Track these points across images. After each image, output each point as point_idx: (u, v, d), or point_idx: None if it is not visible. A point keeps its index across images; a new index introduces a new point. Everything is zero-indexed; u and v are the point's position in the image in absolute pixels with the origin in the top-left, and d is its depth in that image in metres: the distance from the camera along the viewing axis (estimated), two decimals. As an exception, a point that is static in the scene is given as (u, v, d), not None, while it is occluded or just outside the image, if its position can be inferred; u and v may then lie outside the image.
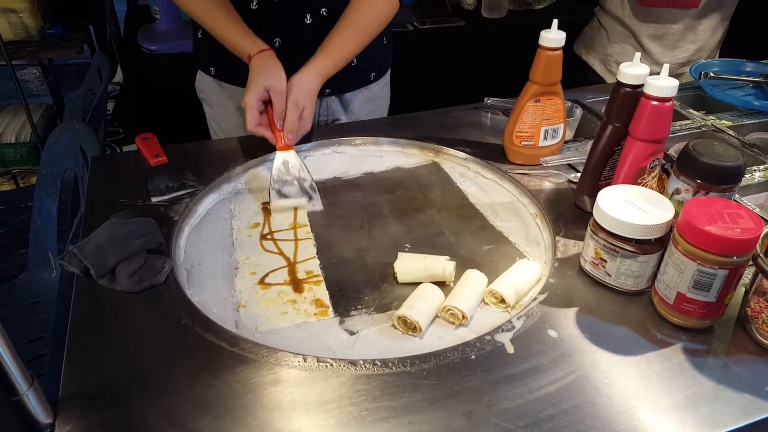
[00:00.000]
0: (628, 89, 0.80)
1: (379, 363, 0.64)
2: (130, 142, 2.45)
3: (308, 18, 1.13)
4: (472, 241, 0.88)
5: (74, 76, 3.20)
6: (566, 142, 1.07)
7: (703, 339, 0.68)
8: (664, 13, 1.46)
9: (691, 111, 1.25)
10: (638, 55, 0.81)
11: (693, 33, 1.49)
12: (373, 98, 1.31)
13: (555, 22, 0.92)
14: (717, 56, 1.60)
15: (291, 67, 1.03)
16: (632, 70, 0.80)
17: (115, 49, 2.67)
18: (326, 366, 0.64)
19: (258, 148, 1.06)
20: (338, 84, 1.21)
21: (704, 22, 1.48)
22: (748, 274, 0.73)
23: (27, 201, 1.65)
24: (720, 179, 0.70)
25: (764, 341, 0.67)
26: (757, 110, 1.24)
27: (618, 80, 0.81)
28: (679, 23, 1.47)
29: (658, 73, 0.76)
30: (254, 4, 1.11)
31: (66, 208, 1.41)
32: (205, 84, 1.28)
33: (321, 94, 1.22)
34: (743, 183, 0.99)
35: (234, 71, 1.17)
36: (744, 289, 0.72)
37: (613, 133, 0.84)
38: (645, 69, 0.80)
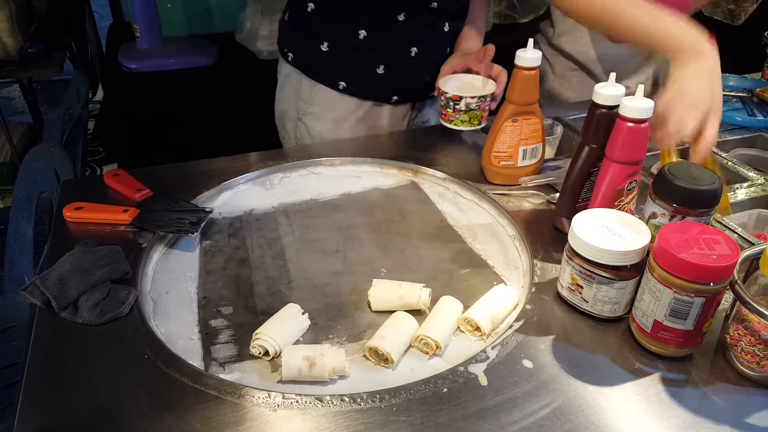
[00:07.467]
0: (604, 110, 0.79)
1: (347, 399, 0.62)
2: (111, 162, 2.42)
3: (446, 26, 1.19)
4: (450, 265, 0.86)
5: (63, 93, 3.17)
6: (546, 161, 1.05)
7: (681, 368, 0.66)
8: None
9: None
10: (614, 75, 0.80)
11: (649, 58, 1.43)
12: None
13: (531, 41, 0.91)
14: None
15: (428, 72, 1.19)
16: (607, 91, 0.78)
17: (97, 67, 2.65)
18: (291, 402, 0.62)
19: (229, 170, 1.04)
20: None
21: None
22: (727, 299, 0.71)
23: (4, 223, 1.61)
24: (696, 203, 0.68)
25: (744, 370, 0.65)
26: (741, 126, 1.23)
27: (593, 101, 0.80)
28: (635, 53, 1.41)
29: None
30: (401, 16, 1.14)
31: (43, 229, 1.37)
32: (322, 96, 1.21)
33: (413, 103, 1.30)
34: (725, 201, 0.97)
35: (367, 83, 1.20)
36: (724, 315, 0.70)
37: (589, 154, 0.82)
38: (620, 89, 0.78)
